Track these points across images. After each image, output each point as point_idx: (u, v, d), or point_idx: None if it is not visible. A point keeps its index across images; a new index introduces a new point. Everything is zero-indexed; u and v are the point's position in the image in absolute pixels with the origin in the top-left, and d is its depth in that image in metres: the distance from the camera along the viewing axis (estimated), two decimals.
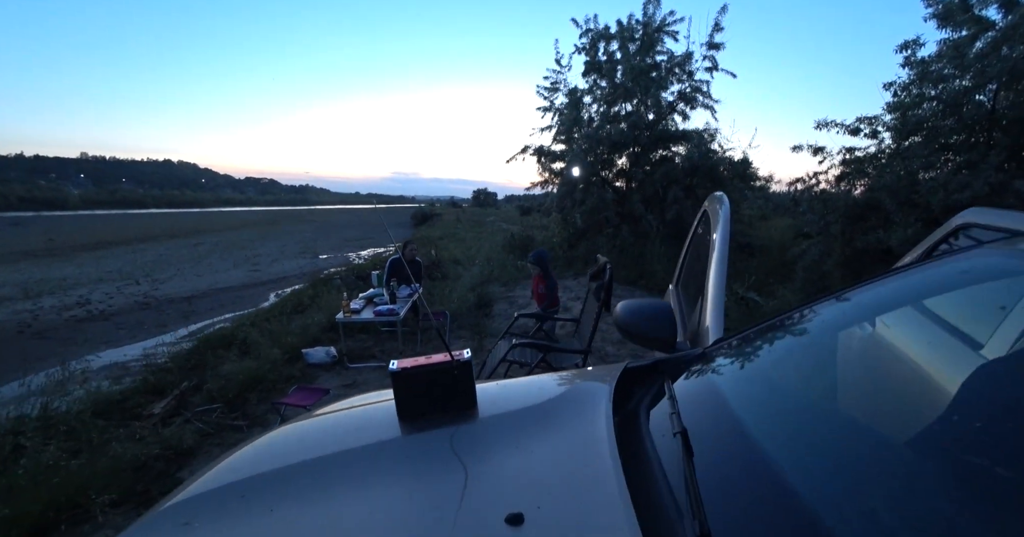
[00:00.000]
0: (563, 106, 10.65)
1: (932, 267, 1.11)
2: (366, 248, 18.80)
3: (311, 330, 5.11)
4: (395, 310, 4.39)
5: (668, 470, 0.74)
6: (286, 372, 4.12)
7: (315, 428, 0.98)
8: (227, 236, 26.23)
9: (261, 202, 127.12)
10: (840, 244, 6.11)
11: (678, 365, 1.11)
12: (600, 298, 3.03)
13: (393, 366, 0.95)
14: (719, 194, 2.06)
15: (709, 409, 0.88)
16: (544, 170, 11.03)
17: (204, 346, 4.61)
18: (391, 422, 0.94)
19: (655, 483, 0.70)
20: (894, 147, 6.66)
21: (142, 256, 16.81)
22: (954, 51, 5.99)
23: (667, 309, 1.40)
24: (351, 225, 37.36)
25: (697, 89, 9.91)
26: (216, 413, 3.33)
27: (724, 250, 1.59)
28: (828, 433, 0.79)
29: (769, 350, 1.02)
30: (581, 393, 0.98)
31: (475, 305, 6.32)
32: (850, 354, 1.01)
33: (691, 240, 2.43)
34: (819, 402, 0.88)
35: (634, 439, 0.84)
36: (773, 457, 0.71)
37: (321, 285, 7.92)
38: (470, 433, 0.88)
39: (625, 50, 9.93)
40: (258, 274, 12.80)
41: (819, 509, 0.59)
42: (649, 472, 0.73)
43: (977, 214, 2.10)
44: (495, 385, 1.08)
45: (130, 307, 8.90)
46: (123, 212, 56.45)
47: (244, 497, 0.74)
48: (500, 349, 3.41)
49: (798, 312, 1.12)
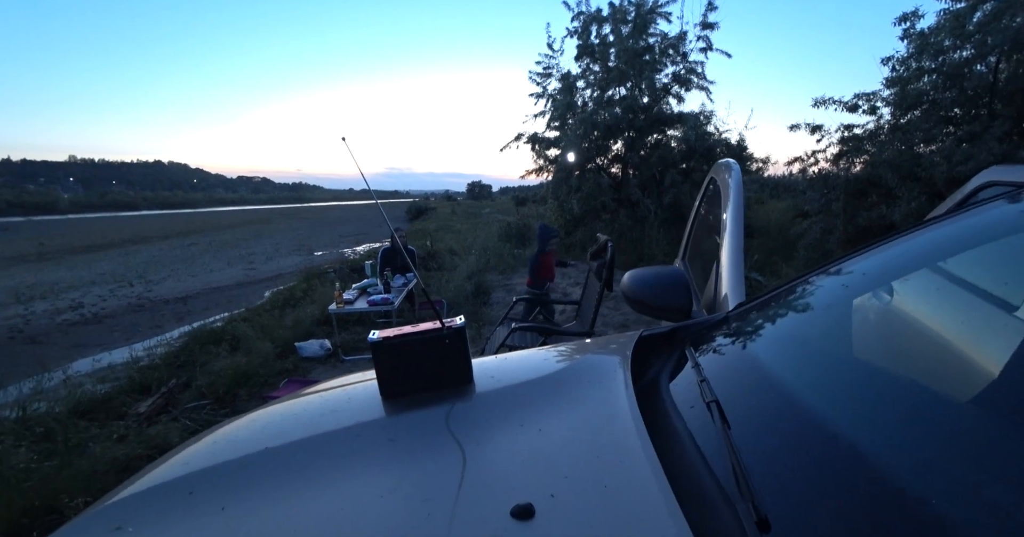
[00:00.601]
0: (556, 91, 10.48)
1: (961, 219, 0.97)
2: (362, 243, 18.58)
3: (304, 323, 4.98)
4: (390, 299, 4.27)
5: (702, 446, 0.62)
6: (278, 366, 4.00)
7: (284, 413, 0.84)
8: (221, 235, 25.93)
9: (254, 201, 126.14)
10: (842, 221, 6.01)
11: (699, 332, 0.98)
12: (602, 278, 2.91)
13: (373, 336, 0.81)
14: (727, 161, 1.93)
15: (743, 376, 0.76)
16: (539, 157, 10.88)
17: (193, 343, 4.47)
18: (373, 402, 0.81)
19: (690, 462, 0.58)
20: (893, 122, 6.56)
21: (135, 258, 16.56)
22: (954, 21, 5.86)
23: (680, 275, 1.28)
24: (346, 221, 37.04)
25: (691, 70, 9.75)
26: (205, 410, 3.21)
27: (740, 215, 1.46)
28: (885, 395, 0.67)
29: (803, 310, 0.89)
30: (593, 364, 0.86)
31: (472, 294, 6.20)
32: (890, 310, 0.88)
33: (697, 211, 2.30)
34: (869, 362, 0.75)
35: (657, 412, 0.71)
36: (829, 425, 0.59)
37: (314, 278, 7.77)
38: (466, 411, 0.76)
39: (618, 33, 9.73)
40: (253, 272, 12.61)
41: (892, 478, 0.48)
42: (681, 449, 0.61)
43: (999, 172, 2.00)
44: (493, 359, 0.95)
45: (124, 309, 8.74)
46: (114, 215, 55.80)
47: (192, 494, 0.61)
48: (499, 335, 3.29)
49: (828, 268, 0.99)
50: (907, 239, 0.96)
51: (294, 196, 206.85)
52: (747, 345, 0.85)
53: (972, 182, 2.06)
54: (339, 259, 11.72)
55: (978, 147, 5.17)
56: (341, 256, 13.04)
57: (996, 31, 5.30)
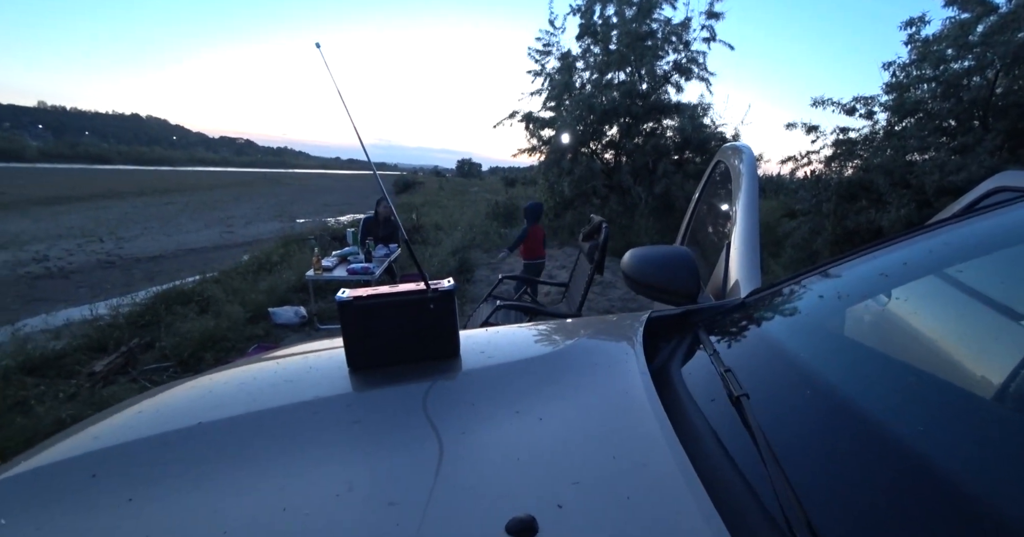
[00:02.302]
0: (554, 71, 10.22)
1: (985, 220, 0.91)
2: (346, 214, 18.13)
3: (279, 289, 4.80)
4: (370, 269, 4.11)
5: (730, 448, 0.52)
6: (249, 332, 3.84)
7: (229, 381, 0.70)
8: (199, 196, 25.05)
9: (236, 163, 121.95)
10: (831, 223, 6.02)
11: (713, 317, 0.88)
12: (593, 260, 2.81)
13: (342, 295, 0.68)
14: (737, 144, 1.83)
15: (772, 368, 0.66)
16: (532, 137, 10.66)
17: (160, 303, 4.25)
18: (338, 374, 0.68)
19: (722, 467, 0.48)
20: (888, 128, 6.56)
21: (106, 213, 15.87)
22: (959, 30, 5.82)
23: (688, 256, 1.17)
24: (331, 190, 36.15)
25: (693, 60, 9.58)
26: (167, 372, 3.04)
27: (755, 200, 1.36)
28: (937, 395, 0.58)
29: (839, 297, 0.79)
30: (598, 345, 0.75)
31: (456, 270, 6.08)
32: (927, 306, 0.80)
33: (701, 195, 2.20)
34: (918, 359, 0.66)
35: (675, 405, 0.61)
36: (876, 427, 0.50)
37: (294, 244, 7.51)
38: (450, 391, 0.64)
39: (622, 14, 9.47)
40: (231, 236, 12.22)
41: (954, 484, 0.41)
42: (708, 451, 0.51)
43: (1009, 177, 1.95)
44: (484, 332, 0.82)
45: (92, 265, 8.37)
46: (86, 167, 53.21)
47: (95, 477, 0.48)
48: (482, 312, 3.18)
49: (851, 259, 0.91)
50: (931, 237, 0.89)
51: (278, 161, 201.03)
52: (771, 334, 0.76)
53: (982, 186, 2.01)
54: (321, 227, 11.40)
55: (970, 159, 5.19)
56: (323, 224, 12.69)
57: (998, 44, 5.29)
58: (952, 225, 0.91)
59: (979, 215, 0.91)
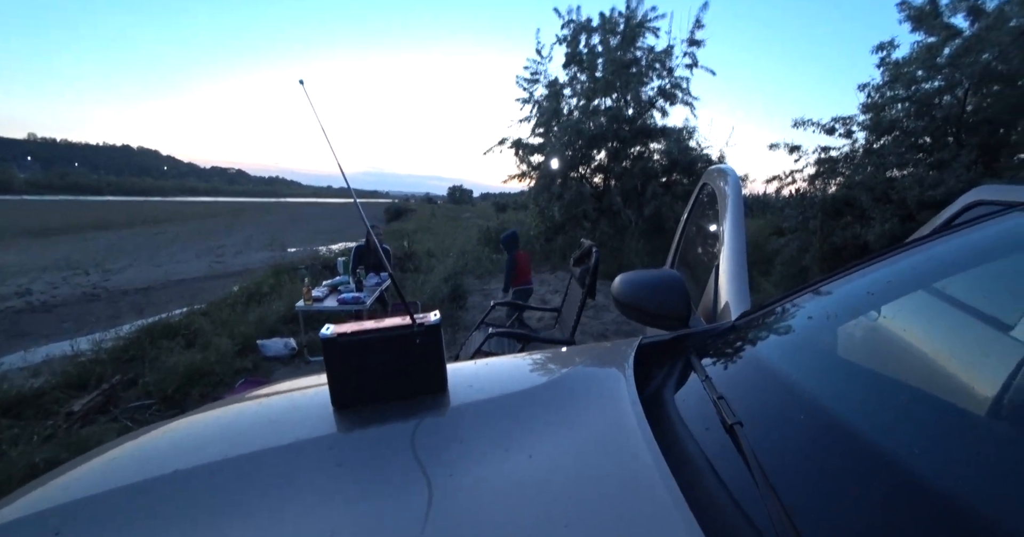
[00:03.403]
0: (543, 98, 10.47)
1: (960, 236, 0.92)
2: (337, 242, 18.09)
3: (269, 320, 4.72)
4: (361, 298, 4.07)
5: (726, 479, 0.51)
6: (237, 365, 3.75)
7: (210, 423, 0.68)
8: (190, 226, 24.96)
9: (228, 192, 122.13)
10: (818, 239, 6.11)
11: (704, 341, 0.87)
12: (585, 284, 2.80)
13: (326, 331, 0.66)
14: (722, 166, 1.86)
15: (765, 394, 0.65)
16: (522, 162, 10.83)
17: (145, 336, 4.15)
18: (322, 413, 0.66)
19: (718, 501, 0.46)
20: (868, 146, 6.76)
21: (93, 245, 15.72)
22: (926, 53, 6.08)
23: (678, 280, 1.17)
24: (322, 218, 36.21)
25: (677, 85, 9.86)
26: (150, 410, 2.94)
27: (740, 221, 1.37)
28: (937, 417, 0.57)
29: (828, 317, 0.79)
30: (588, 374, 0.73)
31: (448, 297, 6.04)
32: (918, 323, 0.80)
33: (688, 217, 2.22)
34: (914, 377, 0.65)
35: (668, 436, 0.59)
36: (877, 452, 0.49)
37: (284, 274, 7.45)
38: (437, 428, 0.62)
39: (606, 43, 9.80)
40: (221, 265, 12.13)
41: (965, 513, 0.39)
42: (704, 485, 0.49)
43: (987, 191, 2.00)
44: (472, 365, 0.80)
45: (77, 298, 8.24)
46: (75, 198, 52.96)
47: (58, 535, 0.45)
48: (474, 340, 3.15)
49: (837, 278, 0.91)
50: (917, 253, 0.90)
51: (270, 190, 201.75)
52: (763, 358, 0.75)
53: (960, 200, 2.05)
54: (312, 256, 11.36)
55: (947, 173, 5.33)
56: (315, 253, 12.64)
57: (965, 65, 5.51)
58: (937, 240, 0.92)
59: (963, 230, 0.93)
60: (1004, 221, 0.91)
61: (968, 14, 5.80)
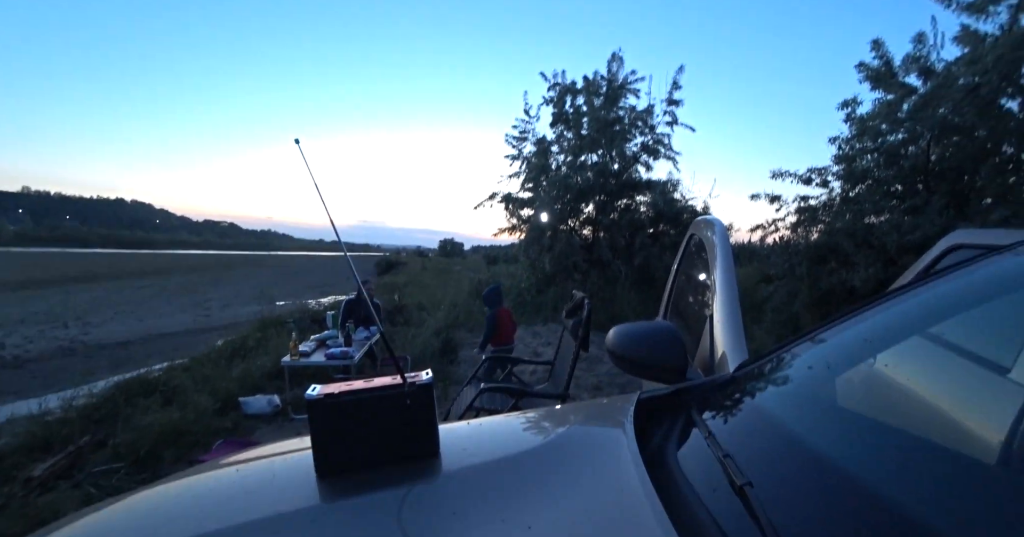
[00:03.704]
0: (531, 154, 10.89)
1: (943, 283, 0.94)
2: (327, 295, 17.93)
3: (253, 376, 4.55)
4: (349, 353, 3.96)
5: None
6: (216, 424, 3.55)
7: (179, 495, 0.62)
8: (177, 279, 24.69)
9: (219, 245, 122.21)
10: (807, 285, 6.18)
11: (704, 394, 0.85)
12: (578, 336, 2.77)
13: (312, 392, 0.63)
14: (708, 217, 1.91)
15: (775, 450, 0.62)
16: (512, 216, 11.07)
17: (120, 394, 3.96)
18: (304, 482, 0.61)
19: None
20: (844, 194, 7.02)
21: (76, 297, 15.40)
22: (887, 108, 6.49)
23: (673, 331, 1.16)
24: (313, 271, 36.09)
25: (659, 141, 10.37)
26: (118, 474, 2.74)
27: (731, 271, 1.39)
28: (957, 471, 0.54)
29: (828, 367, 0.77)
30: (588, 434, 0.70)
31: (439, 351, 5.91)
32: (919, 372, 0.79)
33: (678, 269, 2.25)
34: (923, 427, 0.63)
35: (675, 498, 0.56)
36: (900, 509, 0.46)
37: (271, 327, 7.29)
38: (428, 497, 0.57)
39: (591, 103, 10.37)
40: (207, 319, 11.90)
41: None
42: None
43: (964, 235, 2.08)
44: (465, 426, 0.76)
45: (52, 353, 7.95)
46: (62, 250, 52.48)
47: None
48: (466, 395, 3.05)
49: (844, 320, 0.91)
50: (910, 298, 0.91)
51: (261, 243, 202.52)
52: (768, 411, 0.72)
53: (939, 245, 2.12)
54: (301, 309, 11.21)
55: (922, 219, 5.52)
56: (304, 306, 12.48)
57: (924, 119, 5.87)
58: (928, 285, 0.93)
59: (950, 274, 0.94)
60: (988, 265, 0.93)
61: (920, 74, 6.27)
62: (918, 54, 6.19)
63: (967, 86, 5.43)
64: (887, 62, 6.52)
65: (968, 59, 5.54)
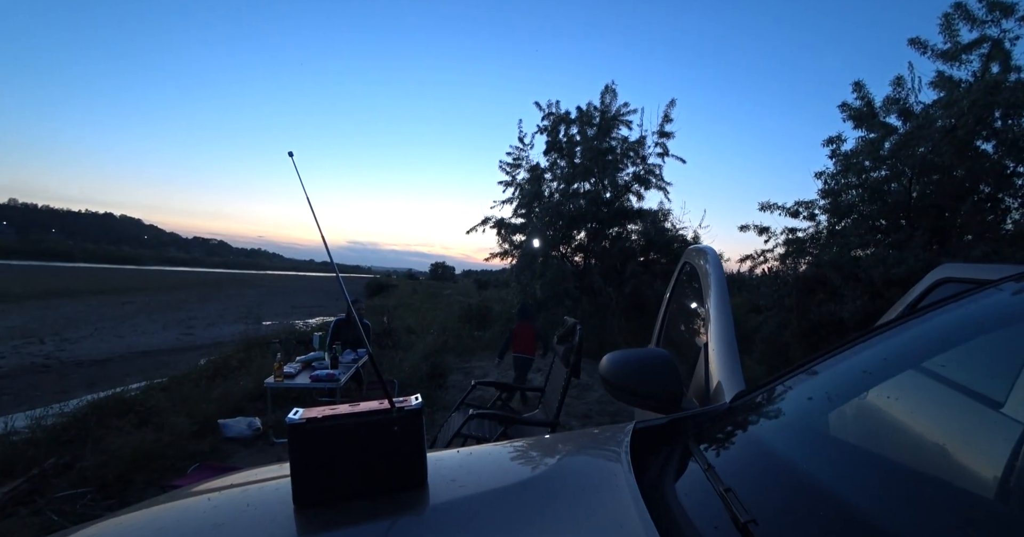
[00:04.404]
0: (524, 181, 11.05)
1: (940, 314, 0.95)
2: (315, 316, 17.67)
3: (234, 397, 4.41)
4: (335, 376, 3.87)
5: None
6: (192, 447, 3.41)
7: (144, 527, 0.58)
8: (162, 296, 24.23)
9: (207, 263, 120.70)
10: (796, 316, 6.21)
11: (701, 424, 0.83)
12: (569, 363, 2.73)
13: (294, 416, 0.59)
14: (701, 247, 1.93)
15: (778, 485, 0.60)
16: (504, 241, 11.13)
17: (92, 413, 3.80)
18: (280, 513, 0.57)
19: None
20: (830, 228, 7.16)
21: (55, 312, 14.99)
22: (870, 146, 6.71)
23: (667, 359, 1.14)
24: (302, 292, 35.71)
25: (650, 171, 10.58)
26: (84, 500, 2.60)
27: (725, 299, 1.39)
28: (958, 504, 0.53)
29: (828, 398, 0.76)
30: (583, 465, 0.67)
31: (428, 375, 5.81)
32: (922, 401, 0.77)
33: (670, 298, 2.24)
34: (929, 462, 0.61)
35: (673, 533, 0.53)
36: None
37: (256, 348, 7.13)
38: (415, 531, 0.54)
39: (584, 133, 10.63)
40: (190, 338, 11.63)
41: None
42: None
43: (952, 269, 2.11)
44: (455, 454, 0.72)
45: (24, 369, 7.68)
46: (45, 264, 51.43)
47: None
48: (454, 422, 2.97)
49: (841, 350, 0.90)
50: (906, 330, 0.91)
51: (251, 262, 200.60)
52: (767, 444, 0.70)
53: (928, 278, 2.15)
54: (287, 330, 11.00)
55: (907, 253, 5.62)
56: (291, 327, 12.26)
57: (905, 157, 6.07)
58: (923, 318, 0.92)
59: (944, 307, 0.94)
60: (979, 299, 0.93)
61: (899, 115, 6.52)
62: (897, 96, 6.46)
63: (944, 127, 5.65)
64: (868, 103, 6.78)
65: (945, 102, 5.79)
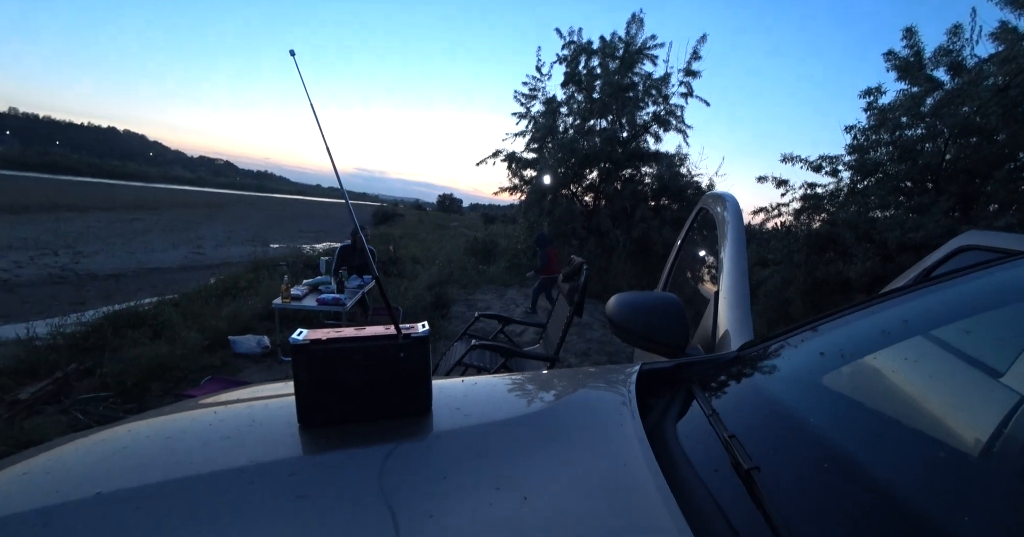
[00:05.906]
0: (539, 114, 10.56)
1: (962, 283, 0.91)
2: (322, 241, 17.81)
3: (243, 316, 4.54)
4: (341, 300, 3.94)
5: (742, 531, 0.45)
6: (204, 361, 3.57)
7: (150, 435, 0.58)
8: (170, 215, 24.37)
9: (213, 183, 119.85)
10: (802, 273, 6.19)
11: (707, 371, 0.82)
12: (573, 301, 2.75)
13: (298, 336, 0.58)
14: (721, 193, 1.84)
15: (784, 436, 0.59)
16: (514, 176, 10.86)
17: (109, 324, 3.94)
18: (286, 432, 0.58)
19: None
20: (852, 186, 6.93)
21: (66, 226, 15.18)
22: (910, 102, 6.29)
23: (677, 304, 1.12)
24: (309, 217, 35.75)
25: (671, 112, 10.04)
26: (105, 403, 2.76)
27: (742, 249, 1.34)
28: (966, 468, 0.52)
29: (841, 355, 0.74)
30: (588, 401, 0.67)
31: (431, 305, 5.93)
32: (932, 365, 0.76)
33: (683, 243, 2.19)
34: (933, 425, 0.61)
35: (676, 476, 0.53)
36: (911, 505, 0.44)
37: (264, 269, 7.25)
38: (418, 460, 0.54)
39: (605, 66, 9.96)
40: (200, 257, 11.84)
41: None
42: (719, 534, 0.43)
43: (976, 236, 2.05)
44: (459, 383, 0.72)
45: (43, 279, 7.92)
46: (51, 177, 51.19)
47: None
48: (456, 351, 3.06)
49: (858, 309, 0.87)
50: (926, 294, 0.87)
51: (257, 184, 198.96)
52: (776, 395, 0.70)
53: (950, 244, 2.09)
54: (295, 253, 11.12)
55: (927, 218, 5.47)
56: (298, 251, 12.38)
57: (946, 116, 5.71)
58: (947, 283, 0.89)
59: (967, 275, 0.90)
60: (1007, 269, 0.89)
61: (949, 69, 6.05)
62: (951, 47, 5.93)
63: (996, 86, 5.25)
64: (917, 52, 6.25)
65: (1001, 58, 5.32)
